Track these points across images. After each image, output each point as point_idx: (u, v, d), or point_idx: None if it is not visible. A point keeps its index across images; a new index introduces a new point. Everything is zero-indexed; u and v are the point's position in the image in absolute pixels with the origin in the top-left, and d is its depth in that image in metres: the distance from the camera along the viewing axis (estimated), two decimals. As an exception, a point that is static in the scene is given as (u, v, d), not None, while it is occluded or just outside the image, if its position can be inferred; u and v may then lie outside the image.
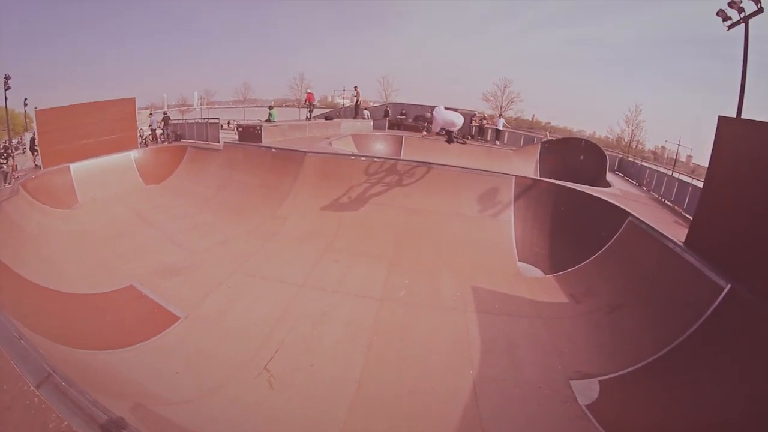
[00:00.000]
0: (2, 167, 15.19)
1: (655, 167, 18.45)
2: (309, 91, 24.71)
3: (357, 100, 27.48)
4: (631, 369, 6.21)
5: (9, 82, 21.73)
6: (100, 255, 11.04)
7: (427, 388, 6.19)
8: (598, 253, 9.58)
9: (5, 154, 15.88)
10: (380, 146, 22.41)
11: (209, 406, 5.77)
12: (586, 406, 5.70)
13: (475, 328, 7.71)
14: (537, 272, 10.15)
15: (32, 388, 4.37)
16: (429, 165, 13.32)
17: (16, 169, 16.42)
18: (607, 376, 6.22)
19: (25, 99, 24.99)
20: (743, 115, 15.00)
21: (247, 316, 8.12)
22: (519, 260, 10.62)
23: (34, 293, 8.49)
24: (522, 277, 9.95)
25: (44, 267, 9.75)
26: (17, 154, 20.73)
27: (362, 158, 14.22)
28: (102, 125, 18.13)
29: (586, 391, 5.99)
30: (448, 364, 6.75)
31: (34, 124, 17.89)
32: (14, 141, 25.96)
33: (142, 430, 3.99)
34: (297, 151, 14.96)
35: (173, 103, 71.94)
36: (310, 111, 24.06)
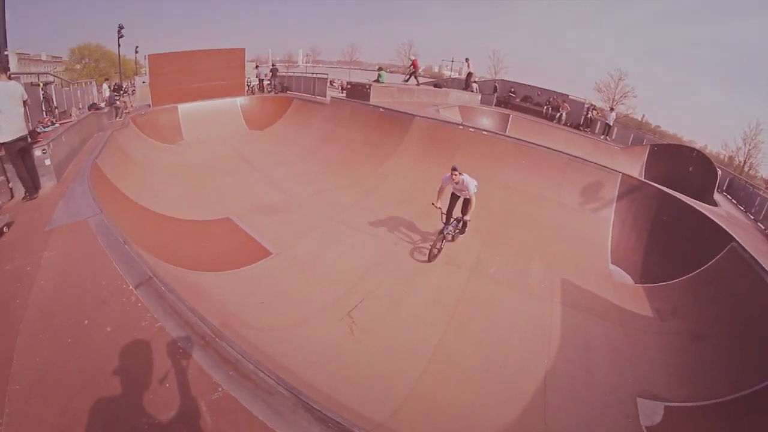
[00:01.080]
0: (116, 103, 16.62)
1: (769, 196, 17.31)
2: (413, 58, 24.67)
3: (468, 72, 27.17)
4: (701, 403, 5.98)
5: (122, 31, 23.49)
6: (200, 187, 11.83)
7: (501, 367, 6.28)
8: (692, 273, 9.11)
9: (119, 93, 17.34)
10: (486, 121, 22.04)
11: (290, 338, 6.11)
12: (647, 427, 5.60)
13: (558, 319, 7.71)
14: (627, 278, 9.86)
15: (131, 287, 4.97)
16: (536, 146, 13.11)
17: (127, 106, 17.91)
18: (675, 404, 6.05)
19: (137, 47, 27.03)
20: None
21: (338, 263, 8.49)
22: (611, 262, 10.36)
23: (137, 212, 9.25)
24: (611, 280, 9.69)
25: (148, 192, 10.56)
26: (127, 95, 22.66)
27: (471, 129, 14.14)
28: (211, 72, 19.52)
29: (650, 412, 5.88)
30: (526, 349, 6.80)
31: (144, 69, 19.35)
32: (125, 84, 28.35)
33: (238, 343, 4.23)
34: (405, 113, 15.15)
35: (279, 59, 74.25)
36: (416, 77, 23.96)
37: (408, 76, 24.12)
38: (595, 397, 6.07)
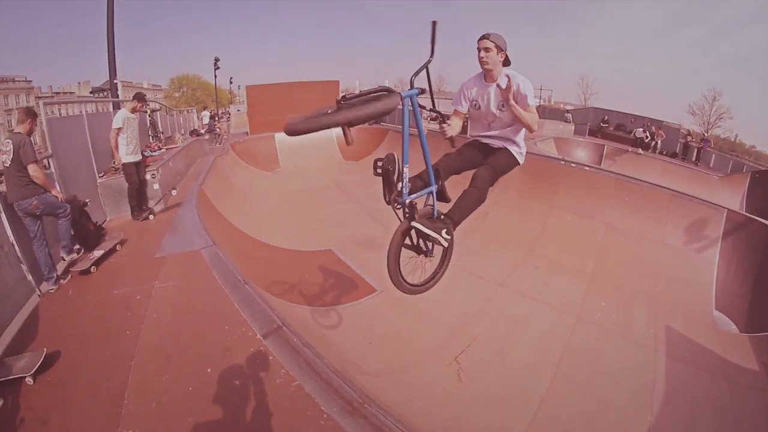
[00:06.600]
0: (215, 129, 18.06)
1: None
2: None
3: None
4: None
5: (218, 63, 25.80)
6: (299, 216, 12.22)
7: (607, 420, 6.20)
8: (808, 320, 8.46)
9: (216, 119, 18.74)
10: (581, 153, 21.73)
11: (401, 386, 6.06)
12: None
13: (662, 373, 7.46)
14: (732, 326, 9.33)
15: (258, 336, 4.70)
16: (639, 182, 12.55)
17: (225, 132, 19.35)
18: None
19: (231, 78, 30.18)
20: None
21: (443, 304, 8.36)
22: (715, 308, 9.79)
23: (241, 240, 9.55)
24: (716, 328, 9.23)
25: (249, 218, 10.96)
26: (223, 122, 24.41)
27: (572, 165, 13.88)
28: (307, 103, 20.09)
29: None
30: (629, 402, 6.62)
31: (239, 98, 21.21)
32: (220, 111, 31.00)
33: (366, 399, 4.02)
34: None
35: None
36: None
37: None
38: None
